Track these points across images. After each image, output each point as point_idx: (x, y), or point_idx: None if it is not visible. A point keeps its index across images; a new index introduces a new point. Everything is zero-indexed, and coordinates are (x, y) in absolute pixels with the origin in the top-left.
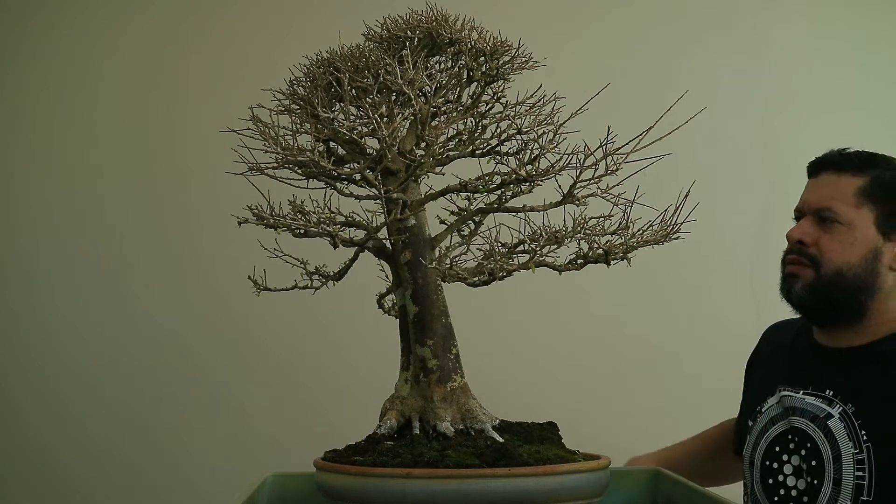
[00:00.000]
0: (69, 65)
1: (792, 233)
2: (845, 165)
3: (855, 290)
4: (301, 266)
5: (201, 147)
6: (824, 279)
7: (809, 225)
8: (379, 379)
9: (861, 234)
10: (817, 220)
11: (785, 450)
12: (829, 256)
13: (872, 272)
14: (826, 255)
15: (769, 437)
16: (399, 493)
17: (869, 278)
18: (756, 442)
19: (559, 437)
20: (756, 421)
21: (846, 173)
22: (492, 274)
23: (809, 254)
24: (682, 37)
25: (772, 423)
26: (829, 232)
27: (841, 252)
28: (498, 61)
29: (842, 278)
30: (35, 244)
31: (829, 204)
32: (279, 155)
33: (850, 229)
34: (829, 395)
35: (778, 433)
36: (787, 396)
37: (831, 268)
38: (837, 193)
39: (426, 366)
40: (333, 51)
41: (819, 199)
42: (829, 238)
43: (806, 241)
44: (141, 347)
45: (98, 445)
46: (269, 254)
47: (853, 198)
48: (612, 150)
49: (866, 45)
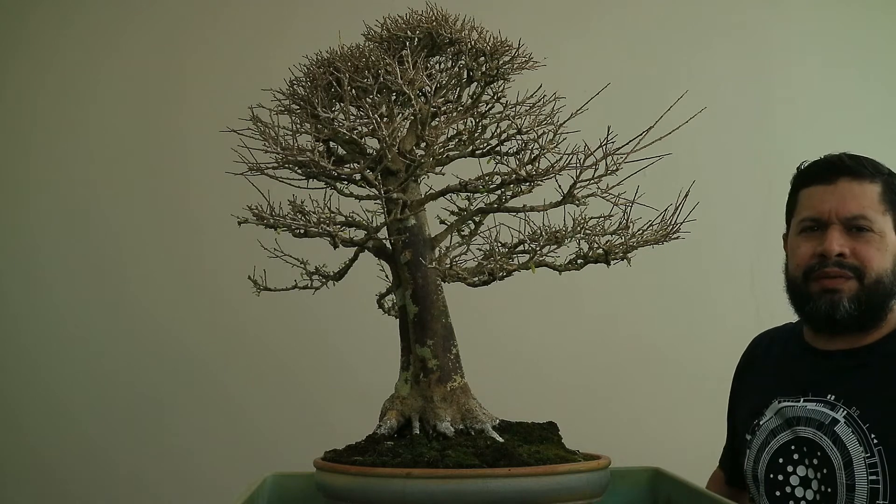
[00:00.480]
0: (69, 65)
1: (831, 246)
2: (862, 171)
3: (888, 296)
4: (301, 266)
5: (201, 147)
6: (868, 288)
7: (841, 235)
8: (379, 379)
9: (889, 241)
10: (845, 229)
11: (789, 461)
12: (870, 265)
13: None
14: (867, 264)
15: (771, 450)
16: (399, 493)
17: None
18: (758, 456)
19: (559, 437)
20: (755, 435)
21: (865, 180)
22: (492, 274)
23: (851, 265)
24: (682, 37)
25: (772, 435)
26: (864, 241)
27: (880, 259)
28: (498, 61)
29: (882, 286)
30: (35, 245)
31: (863, 212)
32: (279, 155)
33: (881, 237)
34: (832, 400)
35: (780, 444)
36: (787, 406)
37: (873, 277)
38: (867, 202)
39: (426, 366)
40: (333, 51)
41: (849, 207)
42: (865, 247)
43: (846, 254)
44: (141, 347)
45: (98, 445)
46: (269, 254)
47: (880, 204)
48: (612, 150)
49: (866, 46)
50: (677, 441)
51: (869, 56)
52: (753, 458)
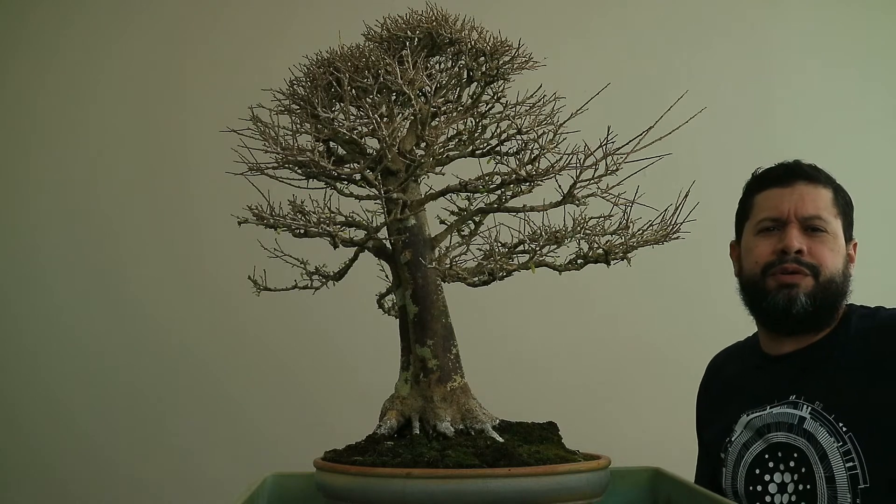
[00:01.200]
0: (69, 65)
1: (791, 242)
2: (816, 176)
3: (838, 294)
4: (301, 266)
5: (201, 147)
6: (821, 286)
7: (799, 234)
8: (379, 379)
9: (840, 243)
10: (802, 229)
11: (766, 470)
12: (825, 264)
13: (846, 277)
14: (822, 262)
15: (746, 463)
16: (399, 493)
17: (845, 283)
18: (734, 472)
19: (559, 437)
20: (728, 452)
21: (819, 184)
22: (492, 274)
23: (808, 262)
24: (682, 37)
25: (745, 448)
26: (820, 241)
27: (832, 260)
28: (498, 61)
29: (833, 285)
30: (35, 245)
31: (819, 213)
32: (279, 155)
33: (834, 238)
34: (794, 399)
35: (754, 456)
36: (755, 417)
37: (827, 275)
38: (822, 203)
39: (426, 366)
40: (333, 51)
41: (807, 208)
42: (820, 246)
43: (804, 251)
44: (141, 347)
45: (98, 445)
46: (269, 254)
47: (833, 208)
48: (612, 150)
49: (866, 46)
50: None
51: (869, 56)
52: (731, 475)
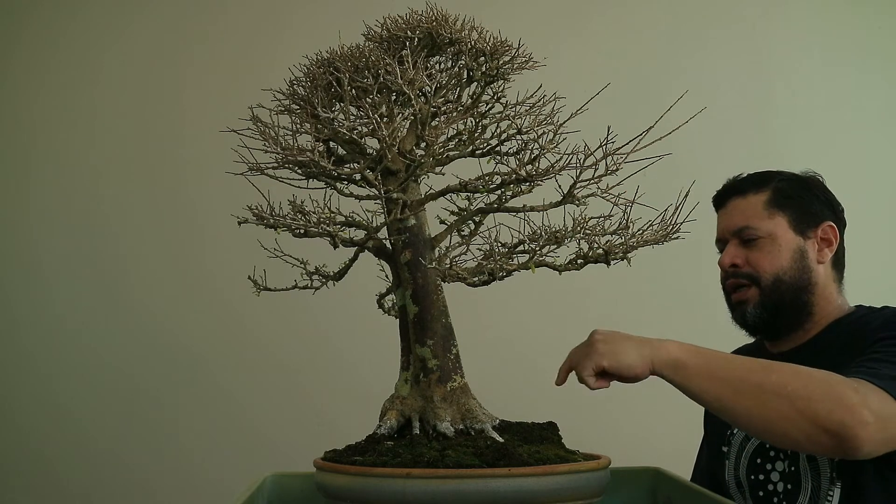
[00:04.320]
0: (69, 64)
1: (723, 260)
2: (745, 187)
3: (795, 289)
4: (301, 266)
5: (201, 147)
6: (767, 290)
7: (735, 248)
8: (379, 379)
9: (783, 240)
10: (740, 242)
11: (767, 459)
12: (763, 268)
13: (804, 269)
14: (760, 268)
15: (748, 453)
16: (399, 493)
17: (804, 275)
18: (736, 462)
19: (559, 437)
20: (731, 444)
21: (749, 193)
22: (492, 274)
23: (745, 273)
24: (682, 37)
25: (747, 439)
26: (756, 248)
27: (772, 260)
28: (498, 61)
29: (781, 283)
30: (35, 245)
31: (746, 222)
32: (279, 155)
33: (772, 239)
34: None
35: (756, 446)
36: None
37: (769, 278)
38: (749, 212)
39: (426, 366)
40: (333, 51)
41: (735, 222)
42: (757, 253)
43: (738, 263)
44: (141, 347)
45: (98, 445)
46: (269, 254)
47: (764, 211)
48: (612, 150)
49: (866, 45)
50: (677, 441)
51: (869, 56)
52: (733, 466)
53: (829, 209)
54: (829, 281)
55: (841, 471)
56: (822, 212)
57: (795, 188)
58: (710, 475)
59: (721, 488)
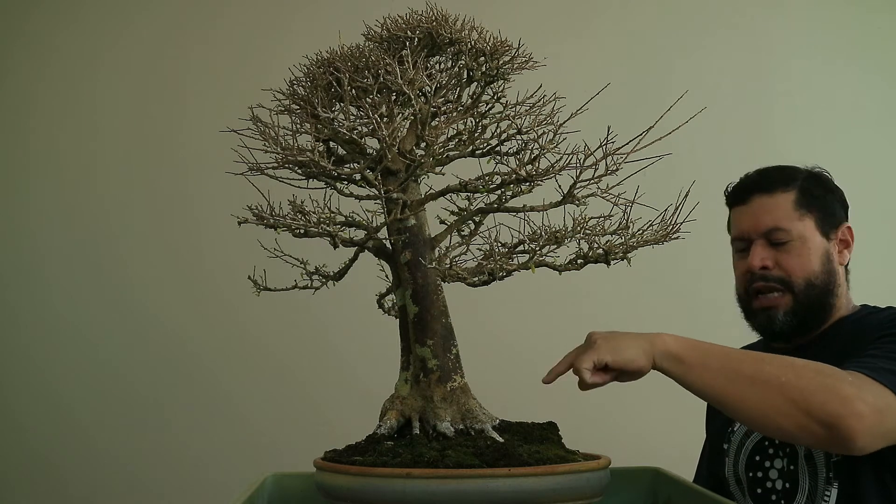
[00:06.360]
0: (68, 64)
1: (752, 261)
2: (772, 185)
3: (824, 294)
4: (301, 266)
5: (201, 147)
6: (800, 296)
7: (763, 249)
8: (379, 379)
9: (812, 243)
10: (767, 243)
11: (766, 456)
12: (795, 272)
13: (831, 272)
14: (792, 271)
15: (747, 450)
16: (399, 493)
17: (830, 279)
18: (735, 458)
19: (559, 437)
20: (730, 441)
21: (776, 191)
22: (492, 274)
23: (777, 277)
24: (682, 37)
25: (746, 436)
26: (786, 251)
27: (803, 264)
28: (498, 61)
29: (813, 288)
30: (35, 244)
31: (777, 223)
32: (279, 155)
33: (802, 242)
34: None
35: (755, 443)
36: None
37: (801, 283)
38: (779, 212)
39: (426, 366)
40: (333, 51)
41: (763, 222)
42: (787, 256)
43: (769, 266)
44: (141, 348)
45: (98, 445)
46: (269, 254)
47: (795, 212)
48: (612, 150)
49: (867, 45)
50: (677, 441)
51: (869, 55)
52: (733, 462)
53: (843, 209)
54: (843, 281)
55: (837, 471)
56: (839, 212)
57: (819, 187)
58: (711, 473)
59: (722, 485)
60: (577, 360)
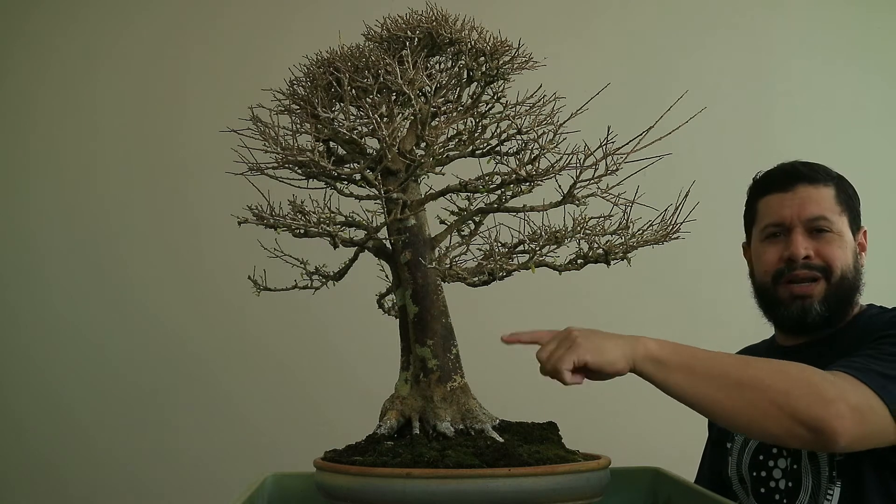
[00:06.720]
0: (69, 64)
1: (797, 249)
2: (816, 176)
3: (852, 289)
4: (301, 266)
5: (201, 147)
6: (834, 286)
7: (804, 238)
8: (379, 379)
9: (847, 239)
10: (807, 231)
11: (769, 456)
12: (835, 264)
13: (858, 271)
14: (832, 263)
15: (750, 449)
16: (399, 493)
17: (858, 277)
18: (739, 458)
19: (559, 437)
20: (734, 440)
21: (820, 184)
22: (492, 274)
23: (818, 265)
24: (682, 37)
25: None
26: (826, 241)
27: (841, 258)
28: (498, 61)
29: (847, 281)
30: (35, 244)
31: (823, 213)
32: (279, 155)
33: (840, 236)
34: None
35: (758, 443)
36: None
37: (838, 275)
38: (825, 204)
39: (426, 366)
40: (333, 51)
41: (810, 210)
42: (827, 247)
43: (811, 255)
44: (141, 348)
45: (98, 445)
46: (269, 254)
47: (837, 206)
48: (612, 150)
49: (867, 45)
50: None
51: (869, 55)
52: (736, 461)
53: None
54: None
55: (840, 470)
56: (859, 216)
57: (850, 189)
58: (713, 472)
59: (724, 484)
60: (558, 361)
